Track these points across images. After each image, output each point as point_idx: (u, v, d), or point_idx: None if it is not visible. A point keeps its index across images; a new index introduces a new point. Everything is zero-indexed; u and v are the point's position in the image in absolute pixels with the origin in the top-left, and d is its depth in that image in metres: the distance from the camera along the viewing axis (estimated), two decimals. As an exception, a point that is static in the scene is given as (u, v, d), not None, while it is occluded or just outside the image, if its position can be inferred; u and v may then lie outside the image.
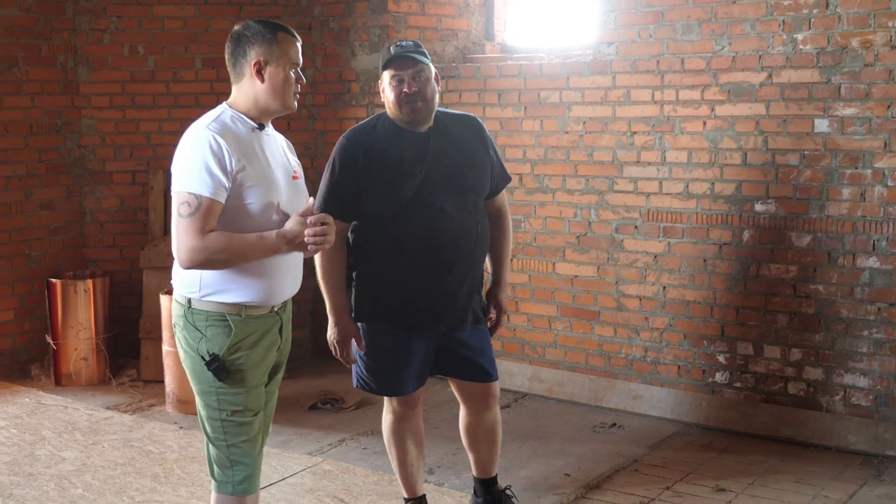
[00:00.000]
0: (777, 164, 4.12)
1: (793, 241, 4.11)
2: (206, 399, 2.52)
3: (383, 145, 2.94)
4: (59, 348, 5.01)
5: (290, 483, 3.66)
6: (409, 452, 3.19)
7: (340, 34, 5.36)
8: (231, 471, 2.53)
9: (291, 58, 2.50)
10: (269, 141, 2.56)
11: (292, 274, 2.57)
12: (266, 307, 2.51)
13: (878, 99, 3.86)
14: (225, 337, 2.46)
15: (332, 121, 5.40)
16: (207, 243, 2.36)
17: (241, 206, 2.42)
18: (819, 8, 3.95)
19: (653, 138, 4.41)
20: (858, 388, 4.01)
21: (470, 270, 3.03)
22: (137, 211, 5.38)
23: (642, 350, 4.53)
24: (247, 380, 2.50)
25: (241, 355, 2.48)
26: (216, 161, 2.37)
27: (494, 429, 3.23)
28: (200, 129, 2.45)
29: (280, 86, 2.48)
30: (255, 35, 2.49)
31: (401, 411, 3.16)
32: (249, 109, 2.51)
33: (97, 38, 5.29)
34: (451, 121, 3.06)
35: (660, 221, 4.42)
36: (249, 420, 2.52)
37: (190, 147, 2.44)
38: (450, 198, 2.95)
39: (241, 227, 2.43)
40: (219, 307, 2.46)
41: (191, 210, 2.37)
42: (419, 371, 3.08)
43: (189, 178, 2.39)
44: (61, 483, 3.68)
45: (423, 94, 2.89)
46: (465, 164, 2.99)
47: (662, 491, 3.59)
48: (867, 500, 3.50)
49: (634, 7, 4.40)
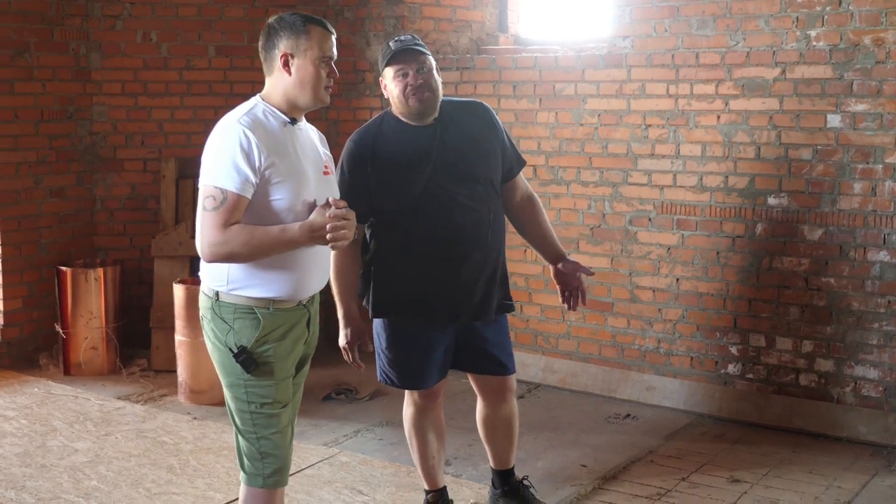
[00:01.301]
0: (790, 159, 4.16)
1: (805, 235, 4.15)
2: (235, 391, 2.52)
3: (390, 143, 2.94)
4: (68, 337, 5.00)
5: (308, 475, 3.67)
6: (430, 445, 3.21)
7: (355, 24, 5.36)
8: (261, 463, 2.53)
9: (322, 51, 2.47)
10: (301, 135, 2.55)
11: (320, 268, 2.57)
12: (294, 301, 2.52)
13: (890, 95, 3.91)
14: (253, 329, 2.46)
15: (345, 111, 5.40)
16: (229, 236, 2.36)
17: (269, 202, 2.42)
18: (832, 5, 3.99)
19: (667, 131, 4.44)
20: (869, 379, 4.06)
21: (487, 259, 3.02)
22: (149, 199, 5.36)
23: (655, 341, 4.58)
24: (275, 372, 2.50)
25: (269, 347, 2.48)
26: (244, 156, 2.36)
27: (511, 421, 3.26)
28: (231, 122, 2.44)
29: (308, 79, 2.46)
30: (285, 27, 2.48)
31: (422, 404, 3.17)
32: (281, 103, 2.49)
33: (110, 24, 5.25)
34: (456, 109, 3.04)
35: (673, 214, 4.46)
36: (278, 412, 2.52)
37: (220, 140, 2.43)
38: (460, 188, 2.96)
39: (269, 223, 2.42)
40: (247, 300, 2.46)
41: (215, 204, 2.37)
42: (440, 364, 3.09)
43: (217, 172, 2.38)
44: (75, 475, 3.65)
45: (428, 85, 2.89)
46: (473, 153, 2.98)
47: (679, 482, 3.64)
48: (879, 490, 3.56)
49: (650, 1, 4.42)
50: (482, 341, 3.10)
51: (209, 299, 2.52)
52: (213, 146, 2.44)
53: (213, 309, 2.51)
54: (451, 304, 3.00)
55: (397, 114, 2.98)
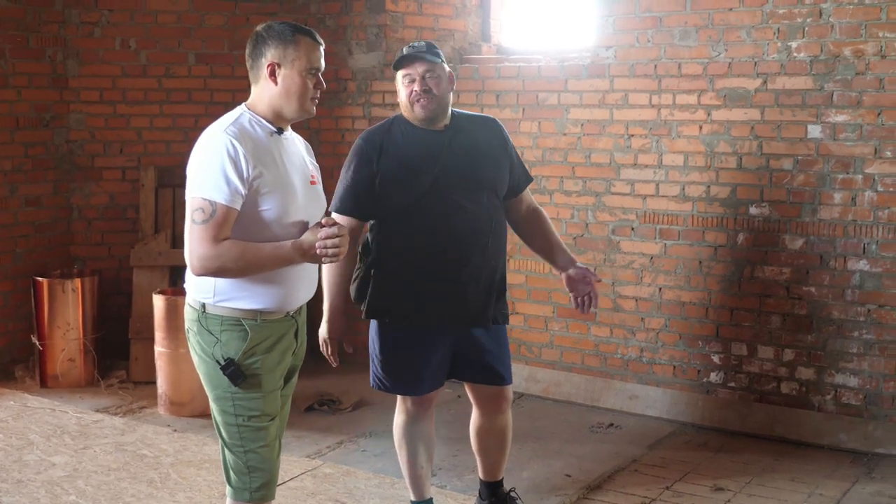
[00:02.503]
0: (771, 169, 4.20)
1: (786, 244, 4.19)
2: (222, 405, 2.49)
3: (398, 143, 2.98)
4: (44, 349, 4.92)
5: (291, 487, 3.63)
6: (419, 455, 3.20)
7: (337, 32, 5.34)
8: (248, 477, 2.50)
9: (310, 62, 2.45)
10: (288, 145, 2.53)
11: (307, 279, 2.56)
12: (282, 312, 2.50)
13: (869, 106, 3.96)
14: (240, 341, 2.44)
15: (327, 119, 5.38)
16: (221, 251, 2.34)
17: (257, 213, 2.39)
18: (813, 17, 4.03)
19: (650, 141, 4.47)
20: (849, 387, 4.11)
21: (486, 267, 3.03)
22: (127, 208, 5.30)
23: (638, 350, 4.59)
24: (263, 384, 2.47)
25: (257, 359, 2.46)
26: (233, 167, 2.34)
27: (505, 433, 3.25)
28: (218, 132, 2.41)
29: (294, 90, 2.44)
30: (273, 37, 2.45)
31: (414, 412, 3.17)
32: (267, 113, 2.47)
33: (87, 31, 5.20)
34: (468, 121, 3.10)
35: (656, 223, 4.49)
36: (266, 425, 2.50)
37: (206, 151, 2.39)
38: (464, 194, 2.98)
39: (256, 234, 2.40)
40: (234, 312, 2.44)
41: (205, 217, 2.34)
42: (434, 371, 3.09)
43: (204, 184, 2.35)
44: (53, 489, 3.59)
45: (433, 92, 2.93)
46: (480, 162, 3.02)
47: (662, 491, 3.65)
48: (860, 497, 3.59)
49: (633, 12, 4.45)
50: (480, 351, 3.09)
51: (195, 311, 2.49)
52: (200, 157, 2.41)
53: (199, 321, 2.48)
54: (447, 309, 3.01)
55: (406, 117, 3.02)
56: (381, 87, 5.24)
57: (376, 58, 5.25)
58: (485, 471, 3.33)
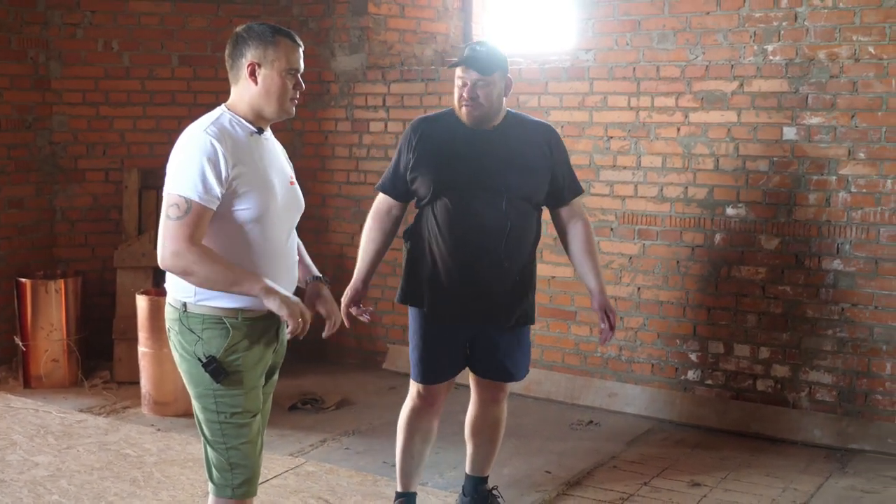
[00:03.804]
0: (747, 170, 4.27)
1: (762, 244, 4.26)
2: (204, 402, 2.50)
3: (438, 133, 3.05)
4: (28, 350, 4.92)
5: (274, 485, 3.66)
6: (413, 444, 3.22)
7: (320, 34, 5.38)
8: (230, 474, 2.51)
9: (289, 63, 2.46)
10: (267, 145, 2.54)
11: (288, 278, 2.58)
12: (263, 310, 2.50)
13: (843, 109, 4.03)
14: (222, 339, 2.45)
15: (310, 121, 5.42)
16: (192, 251, 2.35)
17: (237, 212, 2.41)
18: (788, 21, 4.10)
19: (629, 143, 4.53)
20: (823, 384, 4.18)
21: (501, 267, 3.02)
22: (111, 209, 5.31)
23: (617, 349, 4.65)
24: (244, 381, 2.49)
25: (239, 356, 2.47)
26: (211, 167, 2.35)
27: (498, 425, 3.30)
28: (198, 131, 2.42)
29: (274, 90, 2.45)
30: (253, 37, 2.47)
31: (420, 404, 3.19)
32: (247, 113, 2.49)
33: (70, 32, 5.20)
34: (520, 126, 3.11)
35: (635, 224, 4.54)
36: (248, 422, 2.51)
37: (186, 150, 2.41)
38: (482, 196, 3.01)
39: (232, 234, 2.42)
40: (215, 311, 2.45)
41: (179, 213, 2.36)
42: (446, 364, 3.13)
43: (181, 182, 2.37)
44: (36, 489, 3.59)
45: (479, 101, 2.96)
46: (511, 164, 3.02)
47: (640, 486, 3.70)
48: (833, 491, 3.66)
49: (612, 15, 4.51)
50: (494, 349, 3.14)
51: (176, 311, 2.50)
52: (179, 155, 2.42)
53: (180, 320, 2.49)
54: (459, 306, 3.05)
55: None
56: (363, 88, 5.27)
57: (359, 60, 5.29)
58: (472, 464, 3.36)
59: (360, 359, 5.42)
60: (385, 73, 5.21)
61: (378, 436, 4.25)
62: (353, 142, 5.35)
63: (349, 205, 5.41)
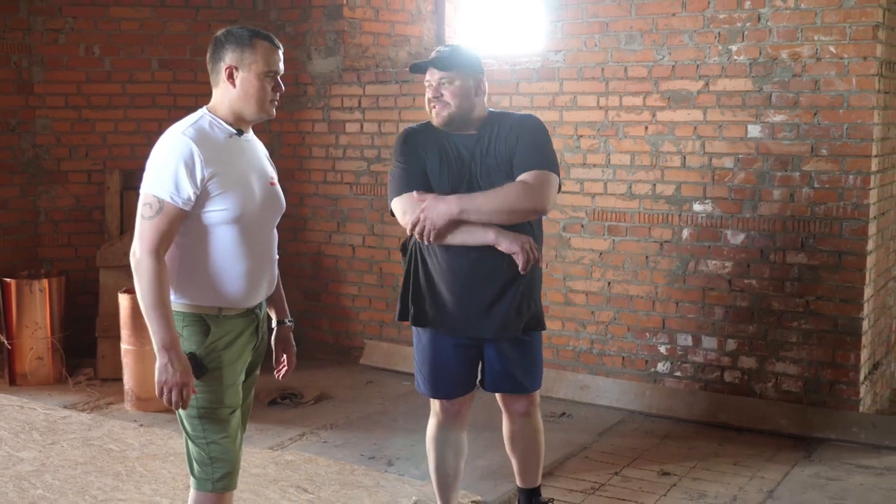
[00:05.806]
0: (713, 167, 4.36)
1: (728, 239, 4.35)
2: (185, 397, 2.58)
3: (423, 143, 2.94)
4: (13, 348, 4.99)
5: (253, 474, 3.70)
6: (445, 461, 3.16)
7: (296, 38, 5.44)
8: (211, 468, 2.54)
9: (267, 65, 2.49)
10: (248, 147, 2.57)
11: (267, 277, 2.62)
12: (241, 308, 2.55)
13: (806, 107, 4.12)
14: (202, 336, 2.49)
15: (288, 122, 5.49)
16: (148, 261, 2.40)
17: (213, 213, 2.45)
18: (752, 22, 4.19)
19: (598, 142, 4.63)
20: (789, 375, 4.27)
21: (498, 276, 2.91)
22: (93, 210, 5.38)
23: (588, 342, 4.74)
24: (224, 377, 2.53)
25: (219, 353, 2.51)
26: (186, 170, 2.39)
27: (534, 436, 3.19)
28: (177, 134, 2.46)
29: (252, 92, 2.48)
30: (231, 41, 2.50)
31: (442, 419, 3.12)
32: (227, 115, 2.52)
33: (52, 37, 5.27)
34: (503, 122, 2.95)
35: (605, 220, 4.63)
36: (228, 417, 2.55)
37: (164, 151, 2.46)
38: None
39: (211, 233, 2.47)
40: (195, 309, 2.50)
41: (151, 213, 2.41)
42: (460, 378, 3.04)
43: (156, 182, 2.42)
44: (20, 484, 3.63)
45: (444, 100, 2.85)
46: (498, 166, 2.89)
47: (611, 476, 3.77)
48: (799, 479, 3.73)
49: (580, 17, 4.59)
50: (504, 360, 3.02)
51: (158, 308, 2.57)
52: (156, 157, 2.47)
53: (161, 318, 2.55)
54: (464, 315, 2.94)
55: None
56: (339, 90, 5.34)
57: (335, 62, 5.36)
58: (519, 476, 3.27)
59: (338, 354, 5.49)
60: (360, 76, 5.27)
61: (355, 429, 4.32)
62: (330, 142, 5.42)
63: (326, 204, 5.49)
